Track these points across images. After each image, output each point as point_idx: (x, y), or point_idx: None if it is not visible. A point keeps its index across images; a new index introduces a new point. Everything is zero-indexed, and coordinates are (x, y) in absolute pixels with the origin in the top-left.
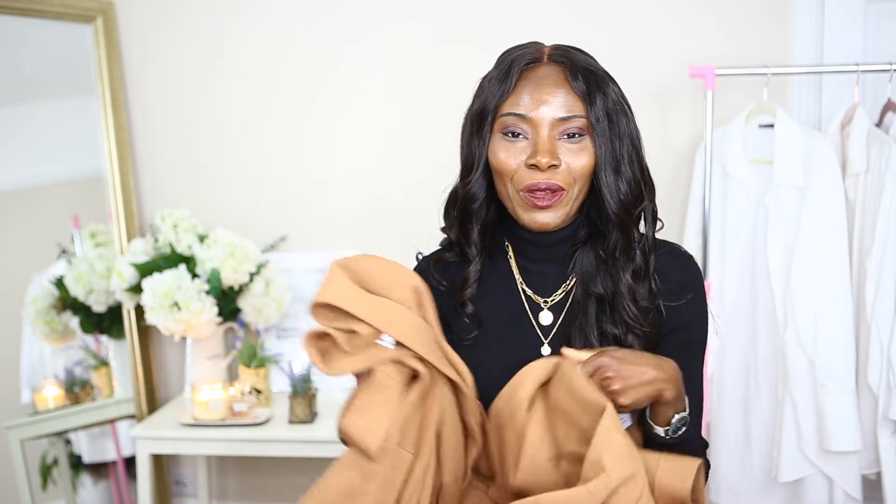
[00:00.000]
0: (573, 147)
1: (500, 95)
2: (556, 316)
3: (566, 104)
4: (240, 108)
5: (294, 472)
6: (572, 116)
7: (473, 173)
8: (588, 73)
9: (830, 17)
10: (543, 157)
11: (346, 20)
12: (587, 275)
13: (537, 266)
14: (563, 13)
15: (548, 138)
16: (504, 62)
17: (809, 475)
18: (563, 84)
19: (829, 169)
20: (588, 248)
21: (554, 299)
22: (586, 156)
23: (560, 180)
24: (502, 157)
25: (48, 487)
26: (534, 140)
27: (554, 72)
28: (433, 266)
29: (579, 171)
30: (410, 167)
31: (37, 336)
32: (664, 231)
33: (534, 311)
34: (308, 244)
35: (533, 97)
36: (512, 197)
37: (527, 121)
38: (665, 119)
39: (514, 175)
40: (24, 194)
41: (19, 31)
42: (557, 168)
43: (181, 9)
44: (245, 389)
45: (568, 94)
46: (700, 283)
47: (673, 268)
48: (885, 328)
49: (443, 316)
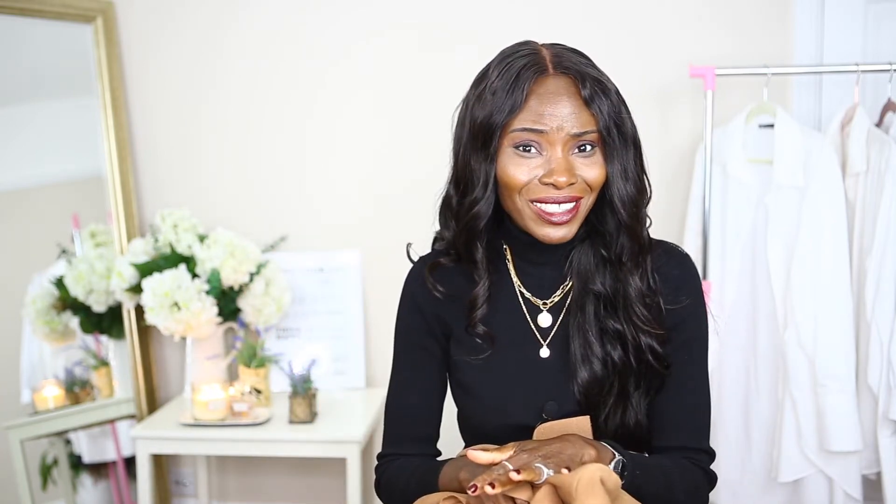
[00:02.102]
0: (585, 161)
1: (509, 109)
2: (556, 317)
3: (580, 120)
4: (240, 108)
5: (294, 472)
6: (585, 132)
7: (481, 191)
8: (595, 83)
9: (830, 17)
10: (561, 177)
11: (346, 20)
12: (585, 272)
13: (535, 268)
14: (563, 13)
15: (563, 156)
16: (509, 72)
17: (809, 475)
18: (574, 98)
19: (829, 169)
20: (586, 246)
21: (553, 300)
22: (598, 167)
23: (577, 192)
24: (513, 173)
25: (48, 487)
26: (549, 157)
27: (564, 84)
28: (429, 272)
29: (593, 183)
30: (411, 167)
31: (37, 336)
32: (664, 231)
33: (532, 313)
34: (308, 244)
35: (546, 112)
36: (522, 210)
37: (541, 135)
38: (665, 119)
39: (525, 188)
40: (24, 194)
41: (19, 31)
42: (573, 185)
43: (181, 9)
44: (245, 389)
45: (581, 108)
46: (697, 281)
47: (671, 267)
48: (885, 328)
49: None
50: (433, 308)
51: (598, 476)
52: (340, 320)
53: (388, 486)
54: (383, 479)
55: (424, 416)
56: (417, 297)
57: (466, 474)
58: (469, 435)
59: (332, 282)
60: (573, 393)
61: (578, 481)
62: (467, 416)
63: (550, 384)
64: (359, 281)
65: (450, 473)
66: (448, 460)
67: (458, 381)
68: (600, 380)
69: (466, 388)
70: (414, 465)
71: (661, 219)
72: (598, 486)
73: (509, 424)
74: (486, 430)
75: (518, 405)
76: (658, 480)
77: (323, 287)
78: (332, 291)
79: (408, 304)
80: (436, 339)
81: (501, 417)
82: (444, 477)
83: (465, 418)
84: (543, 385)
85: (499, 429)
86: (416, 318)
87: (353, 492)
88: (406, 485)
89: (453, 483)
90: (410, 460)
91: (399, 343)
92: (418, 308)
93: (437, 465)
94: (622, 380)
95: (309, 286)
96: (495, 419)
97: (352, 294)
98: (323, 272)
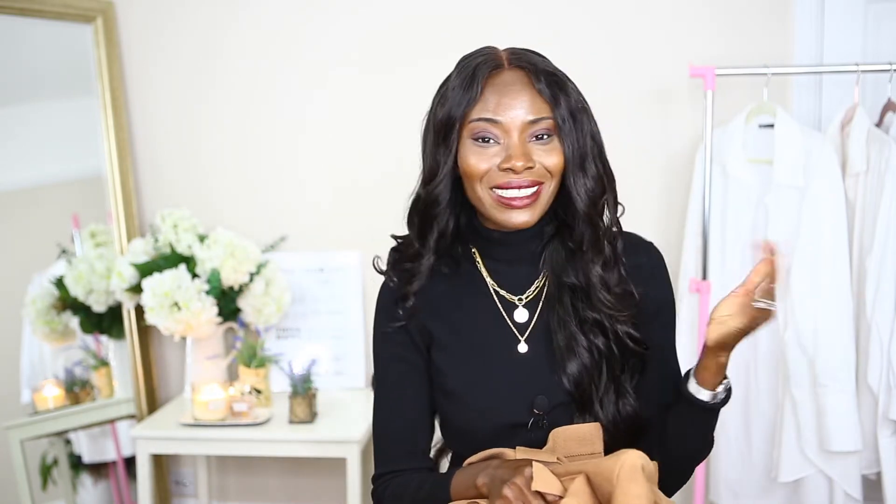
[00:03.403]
0: (543, 147)
1: (466, 102)
2: (532, 313)
3: (533, 107)
4: (240, 108)
5: (294, 472)
6: (540, 118)
7: (438, 177)
8: (550, 76)
9: (830, 17)
10: (518, 161)
11: (347, 20)
12: (558, 267)
13: (507, 267)
14: (563, 13)
15: (519, 142)
16: (465, 70)
17: (809, 475)
18: (528, 88)
19: (829, 169)
20: (556, 241)
21: (528, 296)
22: (556, 154)
23: (536, 176)
24: (473, 162)
25: (48, 487)
26: (506, 144)
27: (518, 77)
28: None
29: (552, 168)
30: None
31: (37, 336)
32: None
33: (508, 310)
34: (308, 244)
35: (501, 102)
36: (483, 198)
37: (497, 125)
38: (665, 119)
39: (485, 176)
40: (24, 194)
41: (19, 31)
42: (532, 169)
43: (181, 9)
44: (245, 389)
45: (534, 97)
46: (664, 267)
47: (640, 258)
48: (885, 328)
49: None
50: (414, 318)
51: (639, 463)
52: (340, 320)
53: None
54: (385, 499)
55: (416, 430)
56: (395, 310)
57: (485, 479)
58: (455, 440)
59: (332, 282)
60: (561, 385)
61: (620, 468)
62: (454, 423)
63: (534, 379)
64: (359, 281)
65: (464, 482)
66: (454, 470)
67: (440, 387)
68: (589, 369)
69: (450, 393)
70: (419, 480)
71: (661, 219)
72: (640, 473)
73: (498, 424)
74: (475, 432)
75: (506, 404)
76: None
77: (323, 287)
78: (332, 291)
79: (386, 318)
80: (418, 349)
81: (489, 418)
82: (457, 486)
83: (452, 425)
84: (527, 380)
85: (487, 429)
86: (397, 332)
87: (353, 492)
88: (413, 500)
89: (470, 490)
90: (412, 476)
91: (381, 359)
92: (397, 320)
93: (444, 477)
94: (610, 365)
95: (309, 286)
96: (483, 420)
97: (352, 294)
98: (323, 272)
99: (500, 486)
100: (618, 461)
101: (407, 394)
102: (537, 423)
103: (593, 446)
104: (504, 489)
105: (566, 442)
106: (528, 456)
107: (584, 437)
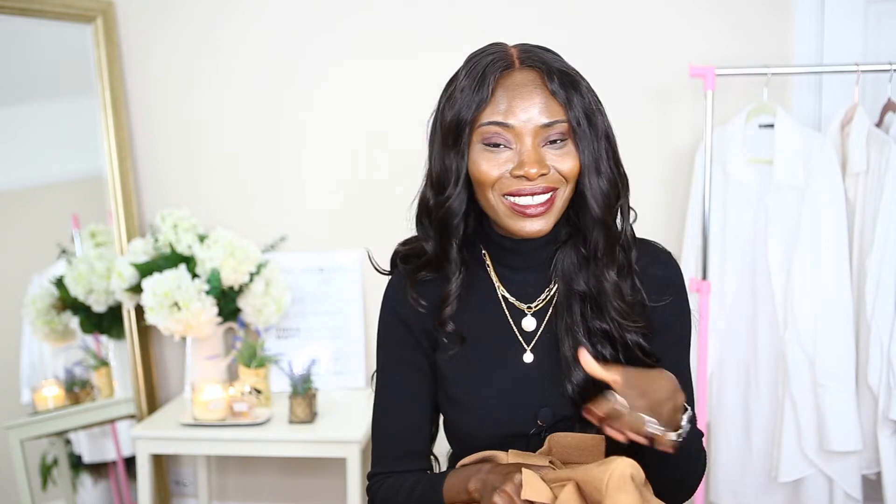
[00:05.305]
0: (557, 152)
1: (476, 105)
2: (540, 321)
3: (547, 109)
4: (240, 108)
5: (294, 472)
6: (554, 122)
7: (453, 188)
8: (563, 75)
9: (830, 17)
10: (532, 168)
11: (348, 21)
12: (569, 273)
13: (518, 274)
14: (563, 13)
15: (532, 147)
16: (475, 69)
17: (809, 475)
18: (540, 89)
19: (829, 169)
20: (568, 247)
21: (538, 305)
22: (571, 158)
23: (551, 182)
24: (485, 169)
25: (48, 487)
26: (519, 150)
27: (530, 77)
28: (410, 286)
29: (567, 174)
30: (411, 167)
31: (37, 336)
32: (664, 230)
33: (516, 318)
34: (308, 244)
35: (513, 104)
36: (496, 206)
37: (509, 129)
38: (665, 119)
39: (497, 182)
40: (24, 194)
41: (19, 31)
42: (546, 175)
43: (181, 9)
44: (245, 389)
45: (547, 99)
46: (680, 279)
47: (655, 268)
48: (885, 328)
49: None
50: (419, 320)
51: (628, 472)
52: (340, 320)
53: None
54: (378, 499)
55: (414, 431)
56: (401, 310)
57: (477, 484)
58: (458, 443)
59: (332, 282)
60: (566, 395)
61: (609, 477)
62: (456, 427)
63: (539, 389)
64: (359, 281)
65: (456, 485)
66: (447, 472)
67: (444, 391)
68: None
69: (454, 398)
70: (411, 482)
71: (661, 219)
72: (629, 482)
73: (499, 432)
74: (477, 438)
75: (509, 414)
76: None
77: (323, 287)
78: (332, 291)
79: (391, 317)
80: (423, 351)
81: (492, 427)
82: (449, 489)
83: (455, 428)
84: (532, 391)
85: (488, 436)
86: (401, 332)
87: (353, 492)
88: (406, 501)
89: (462, 495)
90: (406, 477)
91: (383, 358)
92: (403, 321)
93: (437, 479)
94: None
95: (309, 286)
96: (486, 428)
97: (352, 294)
98: (323, 272)
99: (492, 492)
100: (607, 470)
101: (407, 397)
102: (539, 434)
103: (594, 458)
104: (494, 496)
105: (565, 449)
106: (520, 459)
107: (585, 448)
